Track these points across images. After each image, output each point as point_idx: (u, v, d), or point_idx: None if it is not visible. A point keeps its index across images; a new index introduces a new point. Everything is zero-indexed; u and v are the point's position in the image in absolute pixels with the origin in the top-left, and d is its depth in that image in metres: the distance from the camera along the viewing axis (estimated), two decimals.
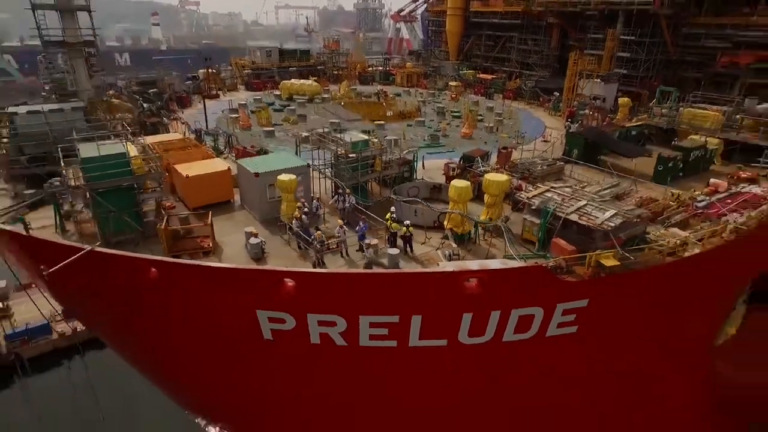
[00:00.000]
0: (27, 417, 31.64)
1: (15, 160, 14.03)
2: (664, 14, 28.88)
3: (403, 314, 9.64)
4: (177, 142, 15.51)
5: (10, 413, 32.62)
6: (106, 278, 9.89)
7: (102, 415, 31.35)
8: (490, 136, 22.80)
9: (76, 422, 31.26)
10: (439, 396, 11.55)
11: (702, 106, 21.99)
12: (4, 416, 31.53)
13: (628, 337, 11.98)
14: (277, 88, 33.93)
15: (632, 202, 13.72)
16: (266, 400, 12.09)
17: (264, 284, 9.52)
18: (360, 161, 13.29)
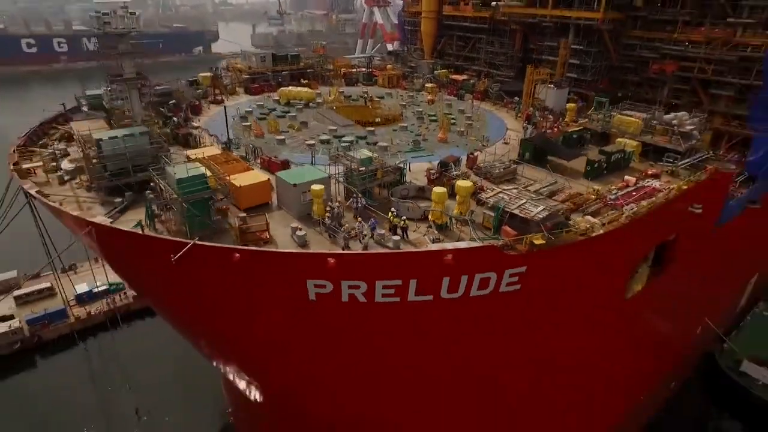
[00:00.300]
0: (52, 391, 36.30)
1: (101, 175, 18.35)
2: (606, 29, 34.15)
3: (404, 279, 14.78)
4: (220, 157, 19.95)
5: (37, 388, 37.17)
6: (204, 263, 14.61)
7: (128, 385, 36.23)
8: (462, 139, 27.80)
9: (101, 392, 36.14)
10: (428, 336, 16.81)
11: (628, 113, 27.45)
12: (33, 391, 36.14)
13: (557, 292, 17.38)
14: (273, 92, 38.08)
15: (562, 197, 18.98)
16: (308, 345, 17.15)
17: (312, 262, 14.46)
18: (367, 172, 18.13)
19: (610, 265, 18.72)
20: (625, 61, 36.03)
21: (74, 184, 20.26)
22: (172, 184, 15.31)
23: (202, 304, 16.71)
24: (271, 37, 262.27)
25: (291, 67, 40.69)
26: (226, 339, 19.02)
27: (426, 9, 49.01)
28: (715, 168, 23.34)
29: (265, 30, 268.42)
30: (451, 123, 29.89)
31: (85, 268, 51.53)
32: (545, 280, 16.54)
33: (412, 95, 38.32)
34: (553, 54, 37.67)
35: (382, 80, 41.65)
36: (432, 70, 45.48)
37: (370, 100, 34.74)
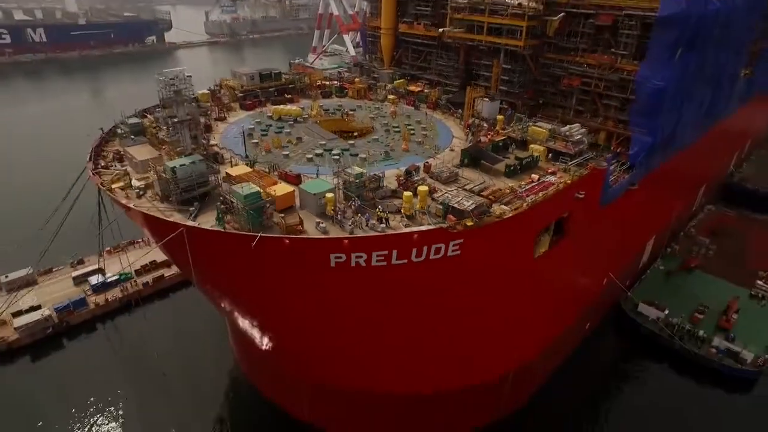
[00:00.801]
0: (90, 367, 44.16)
1: (176, 192, 26.65)
2: (527, 53, 44.04)
3: (389, 250, 24.28)
4: (254, 174, 28.52)
5: (72, 366, 44.85)
6: (265, 248, 23.51)
7: (156, 353, 44.49)
8: (420, 148, 37.19)
9: (132, 363, 44.20)
10: (404, 287, 26.40)
11: (539, 124, 37.60)
12: (67, 369, 43.85)
13: (484, 255, 27.23)
14: (263, 106, 46.17)
15: (487, 192, 28.76)
16: (328, 299, 26.46)
17: (333, 243, 23.69)
18: (359, 183, 27.26)
19: (518, 236, 28.87)
20: (544, 77, 46.19)
21: (148, 197, 28.42)
22: (239, 198, 23.99)
23: (261, 278, 25.68)
24: (225, 25, 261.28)
25: (276, 83, 48.74)
26: (272, 301, 28.09)
27: (384, 26, 57.68)
28: (594, 165, 33.89)
29: (219, 17, 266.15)
30: (411, 134, 39.24)
31: (92, 262, 58.81)
32: (475, 247, 26.40)
33: (378, 106, 47.28)
34: (488, 71, 47.43)
35: (352, 92, 50.38)
36: (392, 79, 54.47)
37: (345, 113, 43.56)
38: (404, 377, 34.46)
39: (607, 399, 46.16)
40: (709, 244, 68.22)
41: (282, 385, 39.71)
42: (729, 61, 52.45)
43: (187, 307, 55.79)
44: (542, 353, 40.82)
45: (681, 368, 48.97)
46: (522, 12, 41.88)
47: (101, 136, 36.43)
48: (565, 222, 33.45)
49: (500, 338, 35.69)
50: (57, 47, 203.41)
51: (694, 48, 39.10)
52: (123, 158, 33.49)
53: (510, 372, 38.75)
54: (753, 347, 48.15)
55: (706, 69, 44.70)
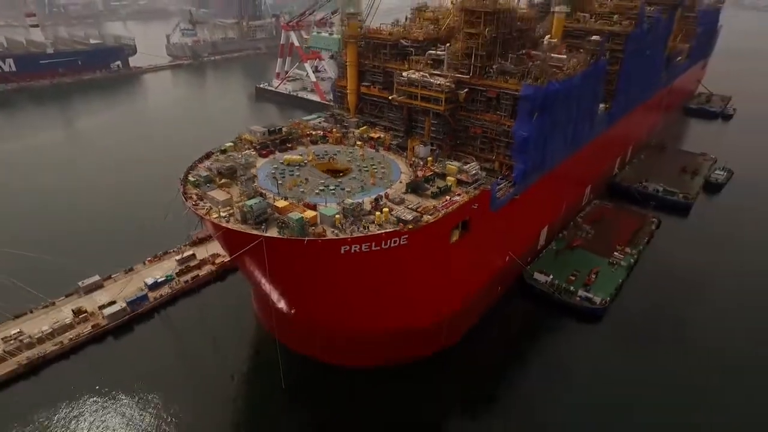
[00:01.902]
0: (154, 340, 65.58)
1: (252, 218, 48.68)
2: (447, 114, 68.09)
3: (370, 243, 47.81)
4: (290, 205, 50.86)
5: (141, 341, 65.97)
6: (307, 245, 46.47)
7: (213, 337, 66.64)
8: (382, 181, 60.42)
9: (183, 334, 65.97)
10: (377, 263, 49.89)
11: (450, 162, 61.74)
12: (139, 343, 64.99)
13: (419, 243, 51.12)
14: (273, 154, 68.03)
15: (420, 209, 52.24)
16: (338, 276, 49.45)
17: (344, 240, 47.14)
18: (351, 208, 50.20)
19: (438, 232, 52.72)
20: (459, 128, 70.52)
21: (233, 220, 50.24)
22: (292, 221, 46.48)
23: (305, 262, 48.27)
24: (187, 47, 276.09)
25: (279, 135, 70.82)
26: (308, 275, 50.61)
27: (350, 88, 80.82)
28: (483, 188, 58.36)
29: (179, 40, 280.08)
30: (374, 171, 62.55)
31: (139, 268, 79.13)
32: (415, 239, 49.92)
33: (351, 150, 70.23)
34: (423, 124, 71.29)
35: (332, 140, 73.18)
36: (357, 126, 77.53)
37: (330, 158, 66.42)
38: (380, 319, 57.84)
39: (512, 333, 71.26)
40: (590, 229, 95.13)
41: (290, 330, 61.94)
42: (583, 107, 78.72)
43: (216, 296, 77.13)
44: (465, 306, 65.11)
45: (559, 311, 74.75)
46: (441, 89, 65.93)
47: (183, 183, 57.59)
48: (468, 222, 57.65)
49: (436, 294, 59.70)
50: (27, 76, 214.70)
51: (546, 111, 64.34)
52: (203, 198, 55.02)
53: (445, 317, 62.76)
54: (601, 294, 74.53)
55: (560, 119, 70.34)
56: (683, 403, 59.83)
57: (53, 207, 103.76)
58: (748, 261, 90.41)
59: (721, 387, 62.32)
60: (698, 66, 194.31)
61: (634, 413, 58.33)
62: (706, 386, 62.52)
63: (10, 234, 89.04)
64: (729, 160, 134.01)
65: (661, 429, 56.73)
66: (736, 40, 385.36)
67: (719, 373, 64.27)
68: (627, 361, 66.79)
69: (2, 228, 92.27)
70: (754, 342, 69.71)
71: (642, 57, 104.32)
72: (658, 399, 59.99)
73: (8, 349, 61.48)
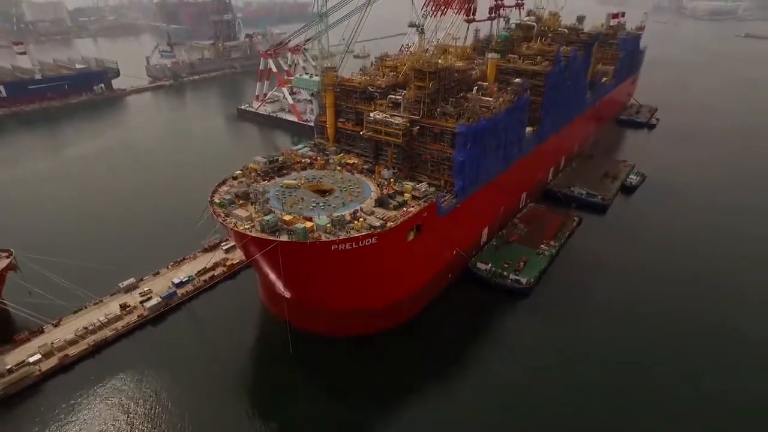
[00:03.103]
0: (182, 326, 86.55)
1: (267, 229, 69.83)
2: (404, 145, 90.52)
3: (352, 243, 70.17)
4: (294, 218, 72.21)
5: (176, 331, 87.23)
6: (309, 246, 68.30)
7: (230, 321, 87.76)
8: (357, 197, 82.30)
9: (204, 320, 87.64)
10: (357, 258, 71.96)
11: (407, 182, 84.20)
12: (175, 333, 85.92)
13: (385, 241, 73.54)
14: (272, 179, 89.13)
15: (386, 217, 74.25)
16: (330, 264, 71.29)
17: (333, 242, 69.36)
18: (337, 219, 71.95)
19: (398, 233, 75.06)
20: (414, 155, 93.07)
21: (254, 230, 71.18)
22: (298, 229, 67.94)
23: (308, 256, 69.78)
24: (167, 69, 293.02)
25: (277, 164, 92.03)
26: (309, 267, 72.10)
27: (329, 123, 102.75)
28: (431, 201, 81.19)
29: (159, 61, 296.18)
30: (351, 190, 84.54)
31: (163, 272, 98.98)
32: (382, 239, 72.02)
33: (333, 174, 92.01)
34: (386, 152, 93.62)
35: (317, 166, 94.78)
36: (336, 153, 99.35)
37: (318, 181, 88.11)
38: (360, 298, 79.80)
39: (460, 308, 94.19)
40: (524, 227, 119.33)
41: (294, 310, 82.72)
42: (510, 133, 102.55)
43: (228, 290, 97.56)
44: (421, 288, 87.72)
45: (495, 291, 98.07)
46: (399, 127, 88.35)
47: (210, 204, 78.24)
48: (420, 226, 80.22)
49: (399, 279, 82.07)
50: (17, 101, 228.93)
51: (477, 141, 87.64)
52: (229, 215, 75.82)
53: (406, 296, 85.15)
54: (527, 276, 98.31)
55: (490, 145, 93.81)
56: (590, 354, 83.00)
57: (89, 222, 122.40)
58: (651, 249, 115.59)
59: (619, 343, 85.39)
60: (628, 82, 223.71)
61: (552, 364, 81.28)
62: (607, 343, 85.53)
63: (59, 246, 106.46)
64: (644, 165, 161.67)
65: (571, 371, 79.74)
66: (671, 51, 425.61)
67: (618, 334, 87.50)
68: (546, 325, 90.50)
69: (49, 241, 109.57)
70: (650, 307, 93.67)
71: (563, 88, 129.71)
72: (570, 352, 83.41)
73: (78, 334, 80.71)
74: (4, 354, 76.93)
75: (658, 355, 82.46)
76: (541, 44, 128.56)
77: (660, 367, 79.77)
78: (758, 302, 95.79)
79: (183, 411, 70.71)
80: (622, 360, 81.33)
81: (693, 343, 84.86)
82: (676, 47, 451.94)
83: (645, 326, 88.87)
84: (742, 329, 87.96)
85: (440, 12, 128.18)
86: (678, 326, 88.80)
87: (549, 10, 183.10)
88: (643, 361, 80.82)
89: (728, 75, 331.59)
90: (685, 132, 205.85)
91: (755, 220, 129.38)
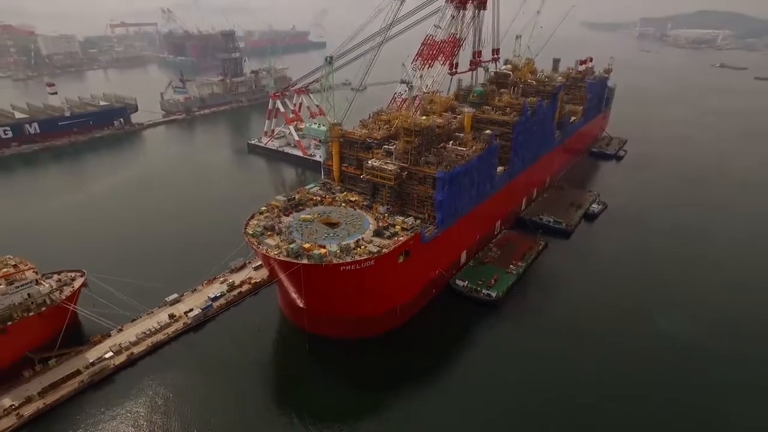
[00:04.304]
0: (218, 334, 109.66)
1: (293, 255, 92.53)
2: (396, 187, 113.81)
3: (356, 265, 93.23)
4: (312, 245, 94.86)
5: (213, 336, 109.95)
6: (324, 268, 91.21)
7: (256, 327, 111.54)
8: (358, 230, 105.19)
9: (236, 328, 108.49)
10: (359, 276, 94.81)
11: (398, 217, 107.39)
12: (212, 337, 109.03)
13: (380, 264, 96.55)
14: (291, 214, 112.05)
15: (381, 245, 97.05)
16: (338, 281, 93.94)
17: (342, 264, 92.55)
18: (345, 247, 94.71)
19: (391, 257, 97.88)
20: (404, 194, 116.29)
21: (281, 255, 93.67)
22: (315, 255, 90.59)
23: (323, 276, 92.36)
24: (180, 103, 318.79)
25: (295, 201, 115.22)
26: (324, 284, 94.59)
27: (335, 167, 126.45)
28: (416, 232, 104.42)
29: (172, 97, 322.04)
30: (354, 223, 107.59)
31: (200, 288, 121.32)
32: (378, 261, 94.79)
33: (339, 209, 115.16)
34: (381, 192, 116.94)
35: (326, 203, 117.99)
36: (341, 191, 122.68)
37: (328, 216, 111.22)
38: (363, 308, 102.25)
39: (442, 317, 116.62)
40: (497, 251, 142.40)
41: (310, 318, 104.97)
42: (483, 174, 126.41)
43: (253, 304, 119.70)
44: (411, 300, 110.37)
45: (470, 303, 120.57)
46: (392, 172, 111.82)
47: (245, 236, 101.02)
48: (409, 251, 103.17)
49: (393, 292, 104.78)
50: (49, 137, 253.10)
51: (453, 184, 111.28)
52: (261, 243, 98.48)
53: (398, 306, 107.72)
54: (496, 291, 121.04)
55: (465, 185, 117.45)
56: (545, 353, 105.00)
57: (134, 245, 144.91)
58: (606, 268, 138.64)
59: (572, 345, 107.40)
60: (599, 117, 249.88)
61: (519, 360, 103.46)
62: (562, 344, 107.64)
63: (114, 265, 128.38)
64: (607, 194, 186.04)
65: (529, 366, 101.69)
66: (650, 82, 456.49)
67: (571, 337, 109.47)
68: (509, 329, 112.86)
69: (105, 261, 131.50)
70: (600, 316, 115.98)
71: (530, 132, 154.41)
72: (529, 351, 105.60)
73: (139, 338, 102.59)
74: (84, 352, 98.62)
75: (604, 356, 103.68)
76: (509, 97, 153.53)
77: (605, 364, 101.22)
78: (696, 312, 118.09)
79: (220, 397, 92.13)
80: (574, 358, 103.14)
81: (635, 348, 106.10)
82: (657, 78, 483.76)
83: (595, 332, 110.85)
84: (679, 337, 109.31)
85: (428, 65, 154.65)
86: (625, 334, 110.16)
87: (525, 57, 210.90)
88: (590, 360, 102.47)
89: (697, 105, 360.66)
90: (648, 162, 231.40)
91: (701, 241, 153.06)
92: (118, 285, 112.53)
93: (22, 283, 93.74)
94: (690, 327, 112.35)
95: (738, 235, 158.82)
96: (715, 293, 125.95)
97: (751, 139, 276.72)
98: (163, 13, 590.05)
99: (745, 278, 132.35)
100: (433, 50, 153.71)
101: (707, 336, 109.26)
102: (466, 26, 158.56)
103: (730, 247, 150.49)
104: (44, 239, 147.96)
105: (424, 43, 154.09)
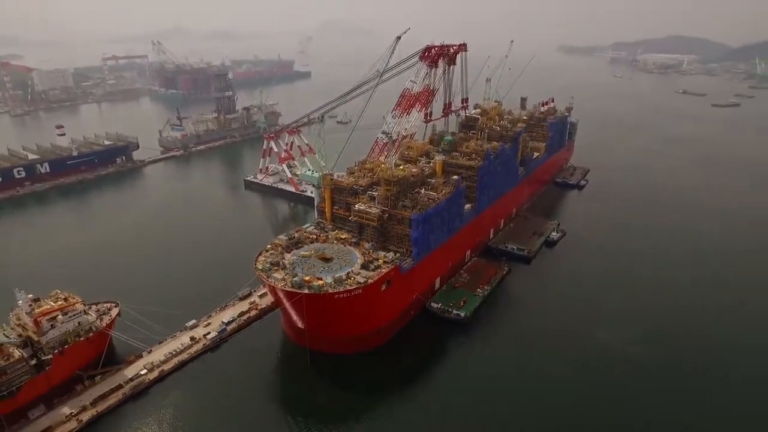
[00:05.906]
0: (231, 354, 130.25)
1: (297, 287, 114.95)
2: (379, 227, 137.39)
3: (348, 293, 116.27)
4: (312, 278, 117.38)
5: (227, 355, 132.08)
6: (323, 296, 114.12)
7: (263, 347, 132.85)
8: (347, 264, 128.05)
9: (245, 347, 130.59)
10: (350, 302, 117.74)
11: (380, 252, 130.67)
12: (226, 356, 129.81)
13: (367, 293, 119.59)
14: (292, 250, 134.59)
15: (367, 277, 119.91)
16: (335, 306, 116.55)
17: (336, 293, 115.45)
18: (338, 279, 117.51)
19: (375, 286, 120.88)
20: (386, 232, 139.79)
21: (287, 286, 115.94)
22: (314, 286, 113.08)
23: (323, 303, 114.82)
24: (177, 140, 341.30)
25: (294, 239, 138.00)
26: (323, 309, 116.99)
27: (327, 209, 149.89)
28: (396, 264, 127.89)
29: (170, 134, 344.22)
30: (344, 258, 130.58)
31: (214, 314, 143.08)
32: (365, 290, 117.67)
33: (331, 246, 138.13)
34: (366, 230, 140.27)
35: (320, 240, 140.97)
36: (333, 229, 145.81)
37: (323, 252, 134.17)
38: (353, 328, 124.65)
39: (419, 335, 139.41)
40: (467, 276, 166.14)
41: (309, 336, 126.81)
42: (451, 212, 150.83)
43: (260, 327, 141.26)
44: (393, 320, 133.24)
45: (443, 322, 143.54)
46: (375, 215, 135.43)
47: (255, 269, 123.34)
48: (390, 280, 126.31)
49: (377, 315, 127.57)
50: (58, 175, 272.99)
51: (425, 222, 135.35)
52: (269, 276, 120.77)
53: (382, 326, 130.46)
54: (465, 312, 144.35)
55: (436, 223, 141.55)
56: (506, 364, 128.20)
57: (152, 276, 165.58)
58: (562, 289, 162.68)
59: (530, 357, 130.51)
60: (563, 150, 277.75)
61: (479, 370, 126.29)
62: (524, 355, 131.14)
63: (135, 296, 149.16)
64: (567, 222, 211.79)
65: (492, 375, 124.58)
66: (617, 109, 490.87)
67: (530, 350, 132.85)
68: (476, 344, 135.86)
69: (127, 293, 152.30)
70: (554, 330, 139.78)
71: (495, 173, 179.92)
72: (492, 363, 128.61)
73: (167, 357, 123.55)
74: (123, 369, 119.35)
75: (560, 364, 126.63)
76: (475, 144, 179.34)
77: (559, 372, 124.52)
78: (644, 327, 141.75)
79: (234, 403, 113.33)
80: (534, 366, 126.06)
81: (584, 357, 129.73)
82: (627, 104, 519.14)
83: (551, 345, 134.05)
84: (624, 348, 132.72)
85: (406, 113, 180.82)
86: (576, 346, 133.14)
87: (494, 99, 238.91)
88: (551, 367, 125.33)
89: (658, 132, 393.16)
90: (605, 190, 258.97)
91: (651, 263, 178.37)
92: (144, 313, 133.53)
93: (74, 313, 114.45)
94: (631, 338, 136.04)
95: (681, 255, 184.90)
96: (652, 309, 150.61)
97: (702, 166, 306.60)
98: (153, 45, 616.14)
99: (681, 295, 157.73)
100: (410, 101, 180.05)
101: (647, 347, 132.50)
102: (438, 80, 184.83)
103: (674, 266, 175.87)
104: (68, 272, 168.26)
105: (402, 95, 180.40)
